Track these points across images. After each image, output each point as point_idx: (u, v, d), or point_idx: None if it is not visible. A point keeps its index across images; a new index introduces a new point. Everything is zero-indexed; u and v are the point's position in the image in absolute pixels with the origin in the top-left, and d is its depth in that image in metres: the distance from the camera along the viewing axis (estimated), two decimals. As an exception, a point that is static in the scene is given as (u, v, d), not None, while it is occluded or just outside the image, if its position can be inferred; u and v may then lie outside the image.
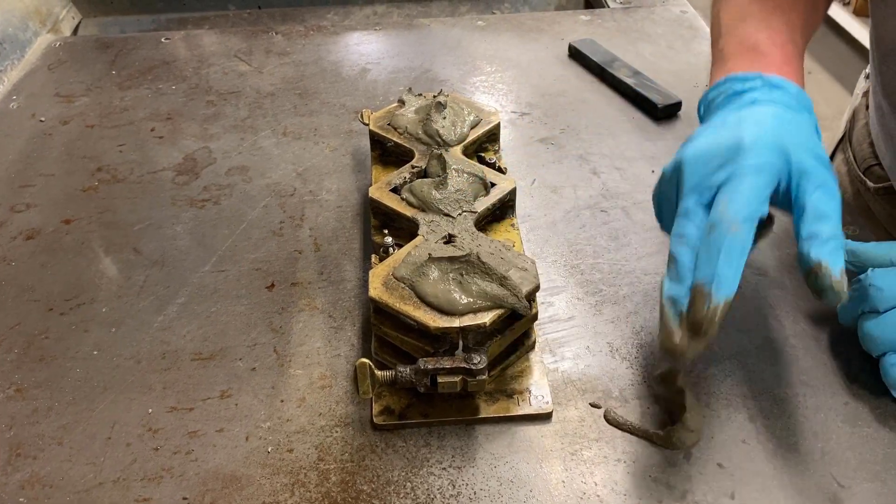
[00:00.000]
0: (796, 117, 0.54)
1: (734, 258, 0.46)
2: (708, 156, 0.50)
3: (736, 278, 0.46)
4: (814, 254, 0.47)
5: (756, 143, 0.50)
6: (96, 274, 0.69)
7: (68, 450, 0.54)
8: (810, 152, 0.50)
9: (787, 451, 0.53)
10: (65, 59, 1.02)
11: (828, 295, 0.47)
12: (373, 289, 0.54)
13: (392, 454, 0.54)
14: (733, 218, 0.47)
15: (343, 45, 1.05)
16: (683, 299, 0.47)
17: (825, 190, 0.49)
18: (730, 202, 0.47)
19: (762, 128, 0.51)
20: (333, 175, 0.81)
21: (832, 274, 0.46)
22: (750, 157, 0.49)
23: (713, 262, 0.46)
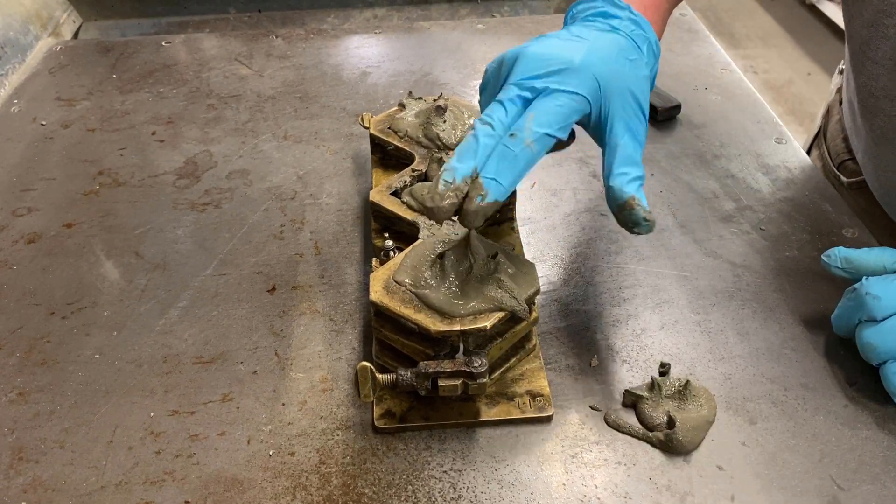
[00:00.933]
0: (638, 58, 0.55)
1: (518, 170, 0.49)
2: (543, 61, 0.52)
3: (512, 186, 0.50)
4: (627, 189, 0.50)
5: (583, 68, 0.52)
6: (98, 278, 0.69)
7: (70, 453, 0.54)
8: (632, 96, 0.53)
9: (786, 453, 0.54)
10: (66, 63, 1.02)
11: (642, 225, 0.50)
12: (373, 292, 0.54)
13: (393, 457, 0.54)
14: (532, 133, 0.49)
15: (343, 49, 1.05)
16: (461, 173, 0.49)
17: (633, 135, 0.52)
18: (535, 118, 0.50)
19: (600, 56, 0.53)
20: (334, 178, 0.81)
21: (643, 206, 0.50)
22: (572, 80, 0.51)
23: (501, 166, 0.49)
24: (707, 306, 0.65)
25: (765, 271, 0.68)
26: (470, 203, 0.49)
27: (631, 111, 0.53)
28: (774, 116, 0.90)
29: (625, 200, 0.50)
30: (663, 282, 0.67)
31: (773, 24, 3.23)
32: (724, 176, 0.80)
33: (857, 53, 0.70)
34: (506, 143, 0.50)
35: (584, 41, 0.54)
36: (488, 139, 0.50)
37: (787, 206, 0.76)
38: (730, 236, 0.72)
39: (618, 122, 0.52)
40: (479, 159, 0.49)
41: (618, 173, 0.51)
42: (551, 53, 0.53)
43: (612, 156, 0.52)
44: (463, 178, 0.49)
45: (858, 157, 0.82)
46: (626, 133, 0.52)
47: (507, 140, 0.50)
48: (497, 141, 0.50)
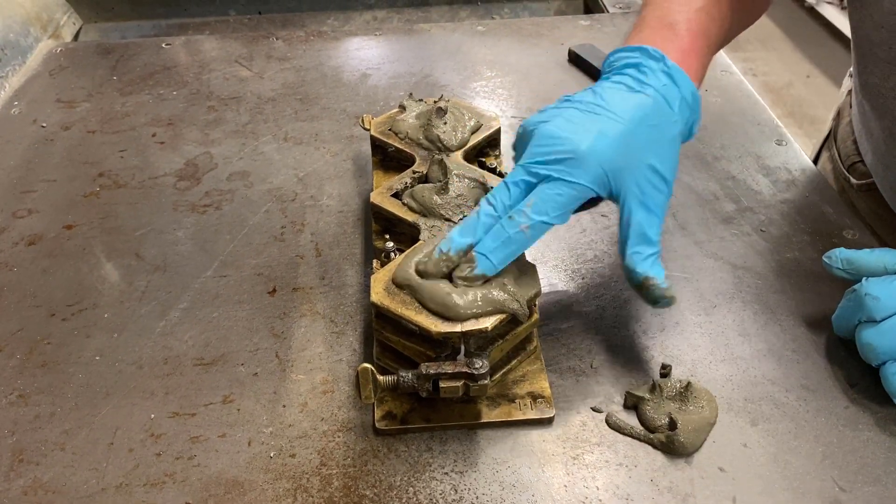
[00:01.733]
0: (666, 118, 0.56)
1: (510, 250, 0.53)
2: (553, 142, 0.54)
3: (501, 265, 0.53)
4: (640, 269, 0.53)
5: (589, 157, 0.53)
6: (98, 279, 0.69)
7: (71, 455, 0.54)
8: (648, 169, 0.54)
9: (787, 454, 0.54)
10: (66, 65, 1.03)
11: (661, 303, 0.54)
12: (374, 294, 0.54)
13: (394, 459, 0.54)
14: (529, 219, 0.52)
15: (343, 51, 1.05)
16: (456, 247, 0.53)
17: (647, 210, 0.53)
18: (534, 205, 0.52)
19: (607, 142, 0.53)
20: (334, 180, 0.81)
21: (660, 284, 0.53)
22: (575, 171, 0.53)
23: (494, 246, 0.52)
24: (708, 308, 0.65)
25: (766, 273, 0.68)
26: (459, 272, 0.53)
27: (646, 185, 0.53)
28: (774, 118, 0.90)
29: (640, 281, 0.53)
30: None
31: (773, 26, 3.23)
32: (724, 178, 0.80)
33: (867, 55, 0.70)
34: (503, 223, 0.53)
35: (598, 119, 0.54)
36: (488, 218, 0.53)
37: (788, 207, 0.76)
38: (730, 238, 0.72)
39: (631, 199, 0.53)
40: (477, 235, 0.53)
41: (631, 252, 0.53)
42: (562, 136, 0.54)
43: (625, 232, 0.54)
44: (457, 251, 0.53)
45: (867, 158, 0.82)
46: (639, 209, 0.53)
47: (505, 221, 0.53)
48: (496, 221, 0.53)
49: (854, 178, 0.86)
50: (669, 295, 0.53)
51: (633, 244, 0.53)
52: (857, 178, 0.85)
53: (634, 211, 0.53)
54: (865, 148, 0.82)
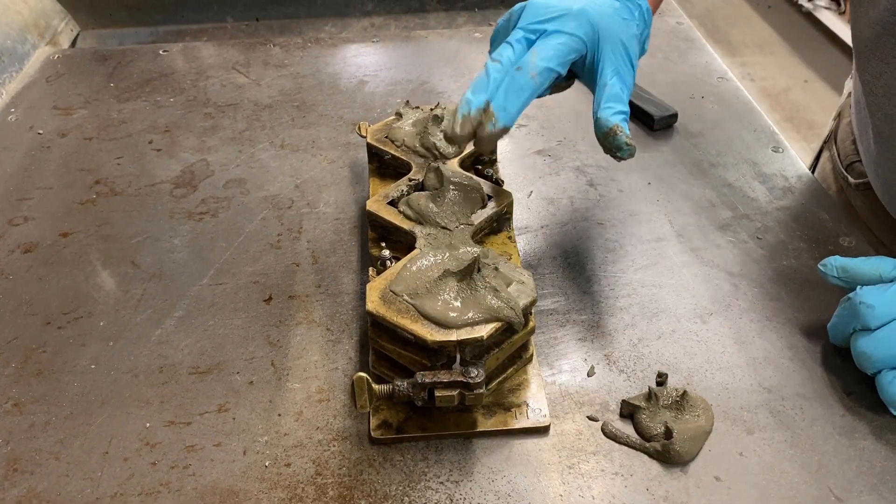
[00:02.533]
0: (629, 17, 0.62)
1: (523, 98, 0.58)
2: (545, 8, 0.60)
3: (518, 113, 0.58)
4: (612, 120, 0.58)
5: (581, 14, 0.60)
6: (94, 287, 0.69)
7: (66, 465, 0.54)
8: (623, 47, 0.60)
9: (784, 463, 0.54)
10: (63, 72, 1.03)
11: (624, 150, 0.58)
12: (370, 302, 0.54)
13: (390, 468, 0.54)
14: (536, 65, 0.58)
15: (341, 58, 1.05)
16: (475, 105, 0.57)
17: (620, 77, 0.59)
18: (539, 53, 0.58)
19: (594, 7, 0.60)
20: (331, 187, 0.81)
21: (625, 133, 0.58)
22: (571, 23, 0.59)
23: (509, 96, 0.57)
24: (704, 315, 0.65)
25: (762, 280, 0.68)
26: (482, 130, 0.57)
27: (621, 58, 0.60)
28: (771, 125, 0.90)
29: (609, 128, 0.58)
30: (660, 291, 0.67)
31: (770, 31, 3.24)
32: (720, 185, 0.80)
33: (863, 52, 0.72)
34: (513, 75, 0.57)
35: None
36: (497, 74, 0.58)
37: (784, 214, 0.76)
38: (727, 245, 0.72)
39: (608, 65, 0.59)
40: (490, 91, 0.57)
41: (605, 107, 0.58)
42: (553, 2, 0.60)
43: (601, 93, 0.59)
44: (477, 108, 0.57)
45: (863, 158, 0.83)
46: (615, 76, 0.59)
47: (514, 73, 0.57)
48: (505, 75, 0.58)
49: (852, 178, 0.87)
50: (632, 143, 0.58)
51: (607, 100, 0.58)
52: (855, 177, 0.86)
53: (610, 77, 0.59)
54: (861, 147, 0.83)
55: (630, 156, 0.58)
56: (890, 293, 0.55)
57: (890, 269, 0.57)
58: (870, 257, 0.58)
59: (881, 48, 0.68)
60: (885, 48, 0.68)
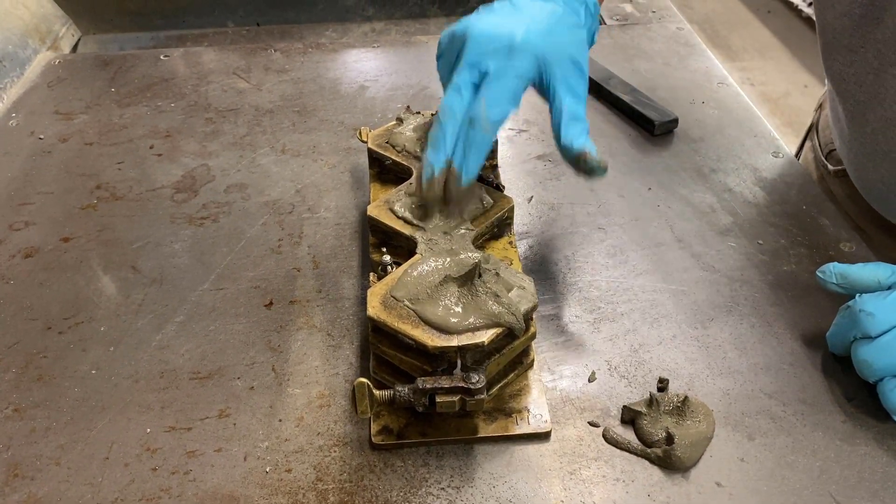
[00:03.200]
0: (575, 21, 0.62)
1: (482, 152, 0.58)
2: (488, 40, 0.59)
3: (479, 167, 0.58)
4: (577, 145, 0.57)
5: (524, 45, 0.58)
6: (95, 292, 0.69)
7: (66, 470, 0.54)
8: (570, 60, 0.60)
9: (785, 469, 0.53)
10: (64, 77, 1.03)
11: (597, 172, 0.58)
12: (371, 308, 0.54)
13: (391, 474, 0.54)
14: (489, 118, 0.57)
15: (341, 63, 1.06)
16: (437, 167, 0.58)
17: (573, 94, 0.59)
18: (489, 102, 0.57)
19: (536, 28, 0.59)
20: (332, 192, 0.81)
21: (594, 156, 0.57)
22: (515, 61, 0.58)
23: (468, 154, 0.57)
24: (705, 321, 0.65)
25: (762, 286, 0.68)
26: (449, 193, 0.59)
27: (570, 74, 0.59)
28: (772, 130, 0.90)
29: (576, 155, 0.58)
30: (661, 296, 0.67)
31: (770, 36, 3.24)
32: (721, 190, 0.80)
33: (831, 42, 0.73)
34: (467, 132, 0.57)
35: (523, 17, 0.60)
36: (452, 128, 0.58)
37: (785, 220, 0.76)
38: (727, 250, 0.72)
39: (559, 86, 0.59)
40: (448, 149, 0.58)
41: (565, 132, 0.58)
42: (495, 32, 0.59)
43: (557, 116, 0.59)
44: (440, 170, 0.58)
45: (836, 144, 0.85)
46: (567, 94, 0.59)
47: (469, 129, 0.57)
48: (458, 129, 0.58)
49: (831, 165, 0.89)
50: (604, 164, 0.58)
51: (567, 124, 0.58)
52: (834, 164, 0.88)
53: (564, 96, 0.59)
54: (835, 134, 0.84)
55: (603, 174, 0.58)
56: (889, 300, 0.55)
57: (888, 274, 0.57)
58: (868, 263, 0.58)
59: (850, 38, 0.69)
60: (854, 38, 0.69)
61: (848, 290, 0.58)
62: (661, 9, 1.21)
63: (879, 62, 0.67)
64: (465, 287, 0.54)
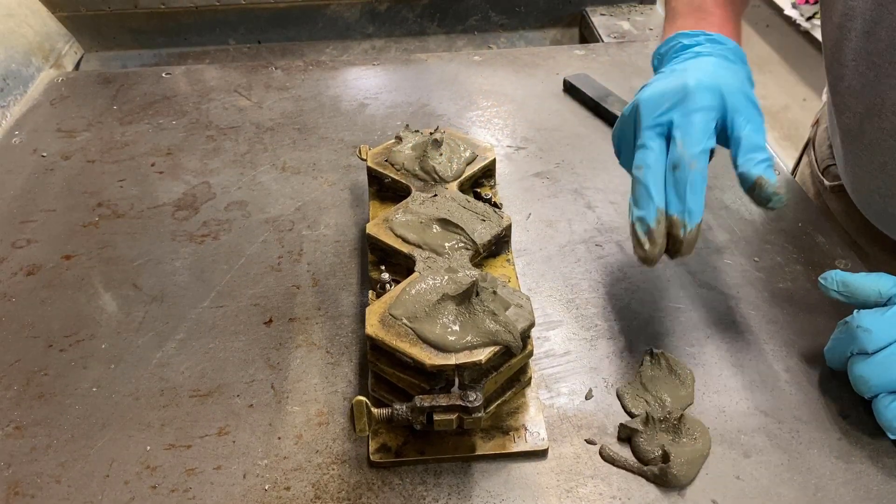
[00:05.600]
0: (732, 66, 0.63)
1: (698, 190, 0.56)
2: (661, 98, 0.59)
3: (703, 205, 0.56)
4: (754, 172, 0.56)
5: (699, 86, 0.59)
6: (96, 310, 0.69)
7: (66, 488, 0.54)
8: (742, 94, 0.60)
9: (780, 487, 0.54)
10: (67, 95, 1.04)
11: (773, 200, 0.56)
12: (369, 326, 0.55)
13: (389, 492, 0.54)
14: (691, 154, 0.56)
15: (342, 80, 1.07)
16: (651, 218, 0.56)
17: (754, 125, 0.59)
18: (685, 141, 0.57)
19: (704, 74, 0.60)
20: (332, 210, 0.81)
21: (772, 183, 0.56)
22: (695, 99, 0.58)
23: (683, 197, 0.56)
24: (701, 338, 0.65)
25: (759, 302, 0.69)
26: (676, 242, 0.56)
27: (748, 106, 0.59)
28: (769, 148, 0.90)
29: (753, 182, 0.56)
30: (658, 313, 0.68)
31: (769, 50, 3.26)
32: (718, 207, 0.81)
33: (829, 55, 0.75)
34: (674, 179, 0.56)
35: (687, 72, 0.61)
36: (650, 177, 0.56)
37: (781, 237, 0.76)
38: (724, 267, 0.73)
39: (738, 117, 0.58)
40: (657, 198, 0.56)
41: (743, 160, 0.57)
42: (664, 90, 0.60)
43: (736, 147, 0.58)
44: (655, 221, 0.56)
45: (836, 158, 0.85)
46: (747, 125, 0.58)
47: (674, 175, 0.56)
48: (655, 174, 0.57)
49: (827, 181, 0.89)
50: (781, 192, 0.56)
51: (745, 152, 0.57)
52: (830, 179, 0.88)
53: (743, 126, 0.58)
54: (834, 147, 0.85)
55: (781, 204, 0.56)
56: (887, 317, 0.55)
57: (889, 286, 0.57)
58: (870, 273, 0.58)
59: (840, 50, 0.71)
60: (843, 50, 0.70)
61: (849, 298, 0.58)
62: (658, 26, 1.22)
63: (875, 74, 0.68)
64: (463, 305, 0.55)
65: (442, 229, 0.64)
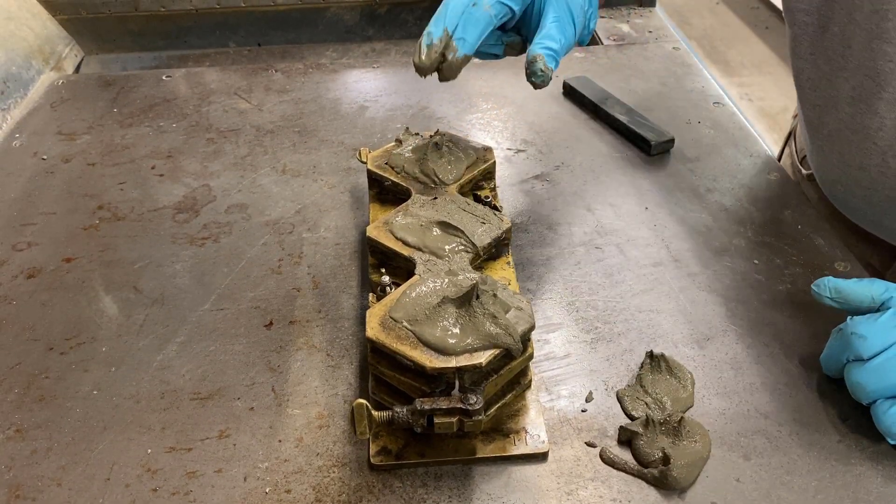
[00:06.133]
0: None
1: (480, 28, 0.63)
2: None
3: (476, 42, 0.63)
4: (536, 50, 0.64)
5: None
6: (96, 313, 0.69)
7: (67, 491, 0.54)
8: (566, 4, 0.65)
9: (780, 489, 0.54)
10: (67, 97, 1.04)
11: (538, 76, 0.64)
12: (370, 329, 0.55)
13: (389, 495, 0.54)
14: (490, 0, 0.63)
15: (342, 83, 1.07)
16: (436, 35, 0.63)
17: (560, 25, 0.65)
18: None
19: None
20: (332, 212, 0.82)
21: (545, 63, 0.63)
22: None
23: (466, 27, 0.63)
24: (701, 341, 0.66)
25: (758, 305, 0.69)
26: (445, 60, 0.63)
27: (563, 12, 0.65)
28: (767, 150, 0.91)
29: (532, 56, 0.64)
30: (658, 316, 0.68)
31: (768, 51, 3.27)
32: (717, 209, 0.81)
33: (791, 49, 0.79)
34: (469, 10, 0.63)
35: None
36: (456, 7, 0.63)
37: (780, 240, 0.76)
38: (723, 270, 0.73)
39: (551, 14, 0.65)
40: (449, 23, 0.63)
41: (536, 42, 0.64)
42: None
43: (538, 34, 0.65)
44: (438, 38, 0.62)
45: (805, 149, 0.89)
46: (554, 23, 0.65)
47: (471, 8, 0.63)
48: (462, 9, 0.63)
49: (805, 170, 0.92)
50: (546, 70, 0.64)
51: (540, 38, 0.64)
52: (807, 168, 0.91)
53: (550, 23, 0.65)
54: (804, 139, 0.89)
55: (543, 80, 0.64)
56: (880, 323, 0.55)
57: (881, 291, 0.57)
58: (862, 279, 0.59)
59: (799, 44, 0.75)
60: (802, 45, 0.74)
61: (842, 304, 0.59)
62: (658, 29, 1.22)
63: (830, 67, 0.71)
64: (463, 308, 0.55)
65: (442, 232, 0.64)
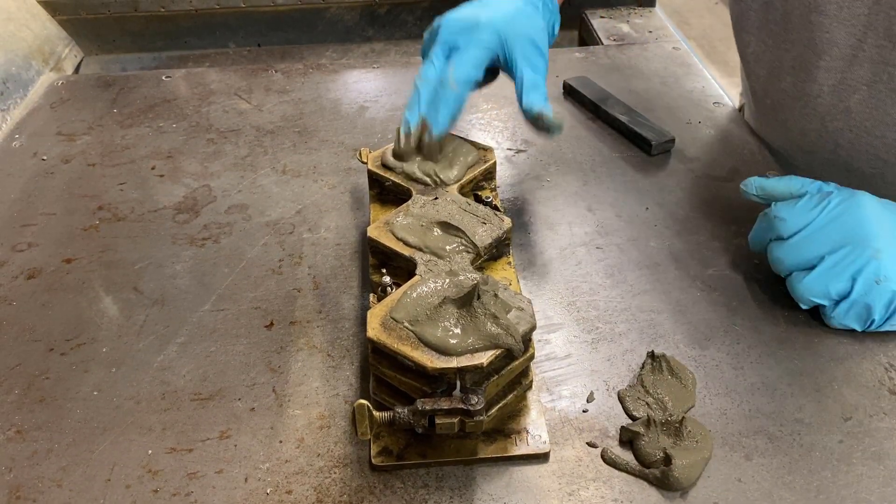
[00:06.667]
0: (533, 13, 0.72)
1: (450, 108, 0.68)
2: (457, 23, 0.70)
3: (448, 120, 0.68)
4: (535, 107, 0.68)
5: (487, 23, 0.69)
6: (97, 313, 0.69)
7: (68, 492, 0.54)
8: (528, 39, 0.69)
9: (782, 489, 0.54)
10: (67, 98, 1.04)
11: (553, 129, 0.68)
12: (371, 329, 0.55)
13: (390, 495, 0.54)
14: (456, 79, 0.68)
15: (342, 83, 1.07)
16: (412, 123, 0.68)
17: (532, 66, 0.69)
18: (456, 66, 0.68)
19: (498, 13, 0.70)
20: (332, 213, 0.82)
21: (551, 116, 0.68)
22: (479, 34, 0.69)
23: (439, 109, 0.68)
24: (702, 340, 0.65)
25: (759, 305, 0.69)
26: (423, 146, 0.69)
27: (530, 52, 0.69)
28: (767, 151, 0.91)
29: (535, 114, 0.68)
30: (659, 316, 0.68)
31: (767, 52, 3.26)
32: (717, 209, 0.81)
33: (735, 26, 0.86)
34: (438, 90, 0.68)
35: (488, 7, 0.70)
36: (426, 90, 0.68)
37: (781, 239, 0.76)
38: (724, 270, 0.73)
39: (520, 59, 0.69)
40: (423, 107, 0.68)
41: (525, 98, 0.68)
42: (462, 17, 0.70)
43: (519, 86, 0.69)
44: (415, 126, 0.68)
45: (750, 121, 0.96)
46: (527, 67, 0.68)
47: (440, 88, 0.68)
48: (432, 91, 0.68)
49: None
50: (559, 122, 0.68)
51: (527, 91, 0.68)
52: None
53: (525, 70, 0.68)
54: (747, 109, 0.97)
55: (559, 130, 0.68)
56: (798, 207, 0.64)
57: (799, 186, 0.66)
58: (783, 177, 0.67)
59: (745, 21, 0.81)
60: (747, 21, 0.81)
61: (765, 199, 0.68)
62: (658, 29, 1.22)
63: (773, 40, 0.78)
64: (464, 308, 0.55)
65: (443, 232, 0.64)
